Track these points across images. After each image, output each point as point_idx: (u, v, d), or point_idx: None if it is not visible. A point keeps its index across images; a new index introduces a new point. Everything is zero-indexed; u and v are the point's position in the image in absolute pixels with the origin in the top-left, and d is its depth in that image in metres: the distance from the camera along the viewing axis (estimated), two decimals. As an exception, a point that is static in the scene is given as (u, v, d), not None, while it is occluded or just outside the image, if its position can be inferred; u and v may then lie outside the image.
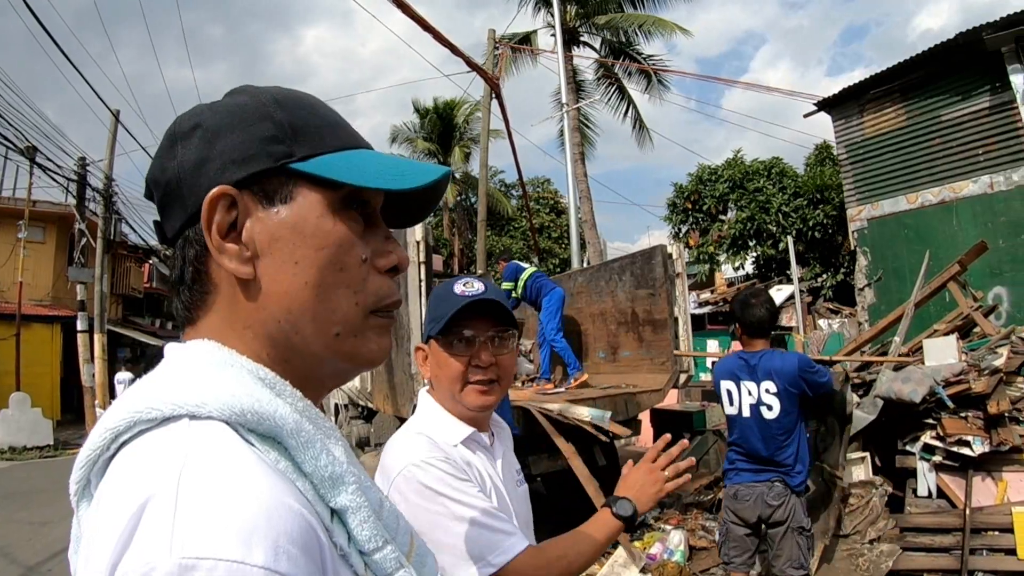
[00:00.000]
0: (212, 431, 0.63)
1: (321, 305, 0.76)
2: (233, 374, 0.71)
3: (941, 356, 5.86)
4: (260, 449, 0.65)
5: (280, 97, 0.80)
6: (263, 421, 0.65)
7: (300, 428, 0.68)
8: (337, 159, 0.78)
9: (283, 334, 0.76)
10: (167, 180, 0.77)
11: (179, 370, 0.71)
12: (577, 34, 23.29)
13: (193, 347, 0.75)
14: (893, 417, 5.66)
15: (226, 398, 0.65)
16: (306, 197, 0.76)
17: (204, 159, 0.75)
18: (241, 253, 0.74)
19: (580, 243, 17.53)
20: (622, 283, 7.81)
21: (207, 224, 0.73)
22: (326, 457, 0.69)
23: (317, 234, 0.76)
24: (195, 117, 0.79)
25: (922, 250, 10.09)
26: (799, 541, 4.07)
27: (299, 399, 0.74)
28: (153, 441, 0.62)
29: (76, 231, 18.46)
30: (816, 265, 19.16)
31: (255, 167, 0.75)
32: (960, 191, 13.29)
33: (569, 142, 17.77)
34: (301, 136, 0.77)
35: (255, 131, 0.76)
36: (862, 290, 15.25)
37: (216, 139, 0.76)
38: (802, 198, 19.32)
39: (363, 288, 0.79)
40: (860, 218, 15.16)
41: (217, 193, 0.73)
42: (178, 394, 0.65)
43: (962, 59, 12.87)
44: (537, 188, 37.20)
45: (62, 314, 20.90)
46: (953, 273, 7.15)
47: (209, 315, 0.78)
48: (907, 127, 14.18)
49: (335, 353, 0.78)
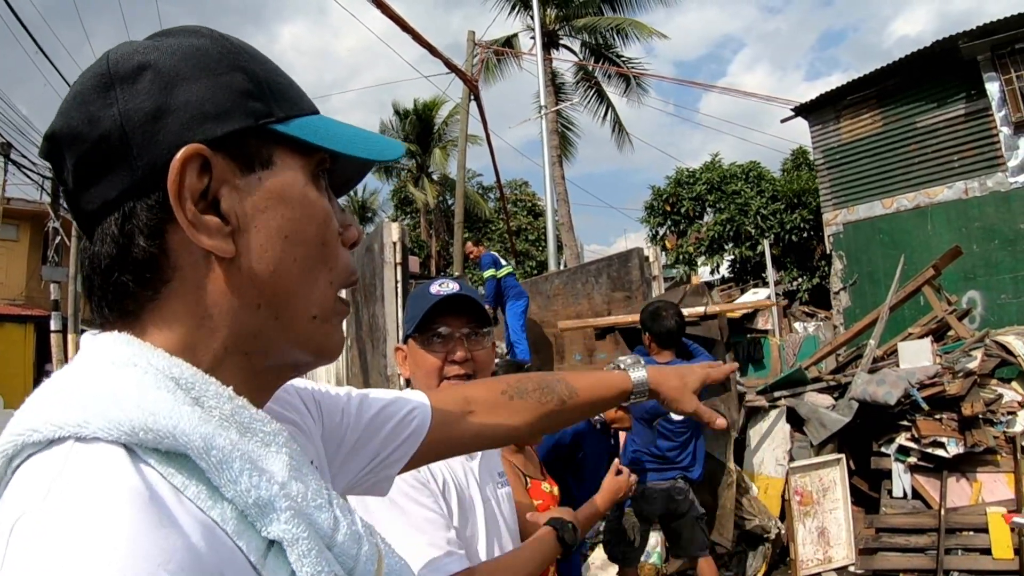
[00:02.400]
0: (95, 458, 0.51)
1: (305, 285, 0.67)
2: (135, 376, 0.58)
3: (916, 359, 5.91)
4: (164, 472, 0.53)
5: (247, 47, 0.69)
6: (161, 440, 0.53)
7: (210, 445, 0.55)
8: (312, 122, 0.69)
9: (257, 321, 0.65)
10: (100, 134, 0.61)
11: (75, 374, 0.60)
12: (556, 37, 23.31)
13: (101, 340, 0.63)
14: (868, 419, 5.70)
15: (113, 414, 0.53)
16: (287, 163, 0.67)
17: (161, 110, 0.61)
18: (222, 227, 0.62)
19: (557, 245, 17.54)
20: (599, 286, 7.80)
21: (176, 192, 0.60)
22: (248, 478, 0.56)
23: (304, 204, 0.67)
24: (138, 56, 0.63)
25: (897, 254, 10.20)
26: (701, 527, 4.61)
27: (227, 400, 0.61)
28: (31, 468, 0.52)
29: (50, 229, 18.25)
30: (793, 269, 19.28)
31: (233, 124, 0.63)
32: (935, 196, 13.45)
33: (547, 144, 17.77)
34: (276, 94, 0.67)
35: (227, 82, 0.64)
36: (837, 294, 15.37)
37: (176, 86, 0.62)
38: (779, 202, 19.43)
39: (336, 265, 0.71)
40: (836, 222, 15.28)
41: (190, 152, 0.60)
42: (62, 411, 0.53)
43: (938, 67, 13.05)
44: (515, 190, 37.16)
45: (36, 314, 20.64)
46: (928, 277, 7.22)
47: (155, 305, 0.63)
48: (883, 133, 14.34)
49: (307, 341, 0.69)
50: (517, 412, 1.20)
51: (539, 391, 1.23)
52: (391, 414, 1.05)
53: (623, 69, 23.39)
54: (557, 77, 23.67)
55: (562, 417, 1.27)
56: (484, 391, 1.21)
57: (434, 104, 32.37)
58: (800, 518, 5.29)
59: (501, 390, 1.21)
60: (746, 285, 19.66)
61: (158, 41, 0.65)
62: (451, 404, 1.15)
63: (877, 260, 14.23)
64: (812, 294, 18.60)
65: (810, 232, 18.56)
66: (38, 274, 20.32)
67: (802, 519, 5.30)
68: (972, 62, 12.54)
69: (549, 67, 21.05)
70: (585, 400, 1.28)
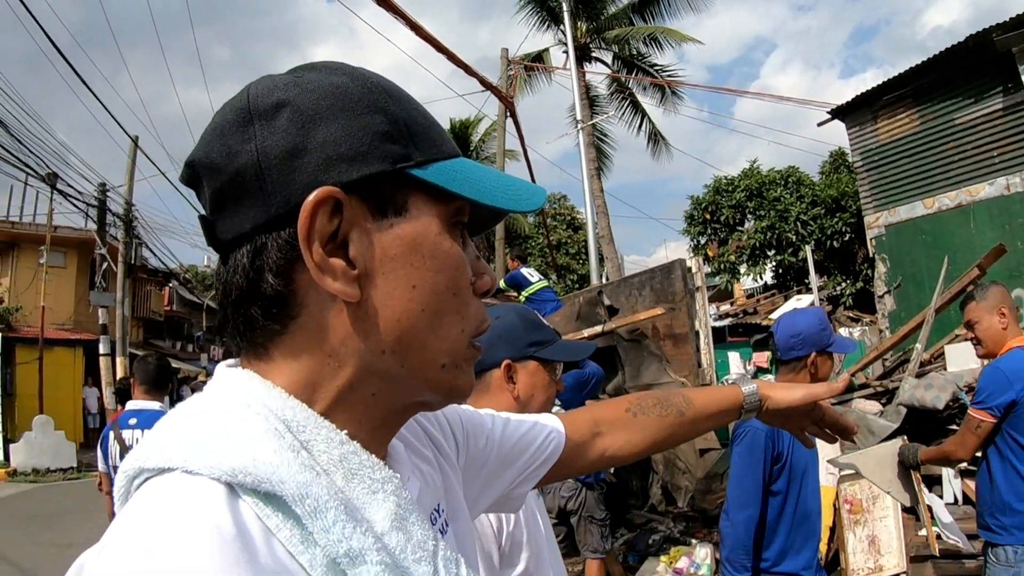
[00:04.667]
0: (195, 492, 0.52)
1: (434, 334, 0.67)
2: (247, 417, 0.60)
3: (963, 361, 5.84)
4: (261, 512, 0.54)
5: (389, 87, 0.68)
6: (259, 483, 0.54)
7: (305, 493, 0.55)
8: (451, 167, 0.68)
9: (384, 365, 0.65)
10: (236, 168, 0.62)
11: (193, 409, 0.62)
12: (588, 50, 23.30)
13: (227, 376, 0.65)
14: (917, 424, 5.63)
15: (214, 455, 0.54)
16: (421, 210, 0.66)
17: (298, 148, 0.62)
18: (348, 271, 0.62)
19: (598, 258, 17.51)
20: (642, 298, 7.80)
21: (306, 233, 0.60)
22: (341, 529, 0.56)
23: (437, 254, 0.66)
24: (278, 92, 0.64)
25: (940, 255, 10.03)
26: (591, 528, 4.76)
27: (338, 445, 0.62)
28: (145, 493, 0.55)
29: (97, 256, 18.63)
30: (836, 273, 19.06)
31: (369, 168, 0.63)
32: (976, 194, 13.20)
33: (585, 158, 17.72)
34: (416, 136, 0.66)
35: (365, 123, 0.64)
36: (882, 297, 15.14)
37: (313, 125, 0.62)
38: (820, 207, 19.23)
39: (468, 314, 0.70)
40: (877, 225, 15.08)
41: (323, 195, 0.60)
42: (172, 446, 0.56)
43: (973, 61, 12.80)
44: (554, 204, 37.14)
45: (84, 338, 21.07)
46: (973, 277, 7.11)
47: (281, 340, 0.64)
48: (921, 132, 14.11)
49: (436, 386, 0.69)
50: (641, 428, 1.26)
51: (659, 406, 1.28)
52: (531, 439, 1.11)
53: (658, 79, 23.28)
54: (591, 90, 23.63)
55: (681, 429, 1.30)
56: (611, 411, 1.27)
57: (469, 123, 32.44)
58: (850, 526, 5.22)
59: (625, 408, 1.27)
60: (789, 292, 19.49)
61: (298, 76, 0.66)
62: (583, 426, 1.21)
63: (921, 262, 14.00)
64: (856, 298, 18.38)
65: (852, 236, 18.35)
66: (86, 299, 20.77)
67: (852, 527, 5.23)
68: (1007, 55, 12.26)
69: (583, 81, 21.05)
70: (701, 411, 1.31)
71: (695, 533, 6.63)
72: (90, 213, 18.43)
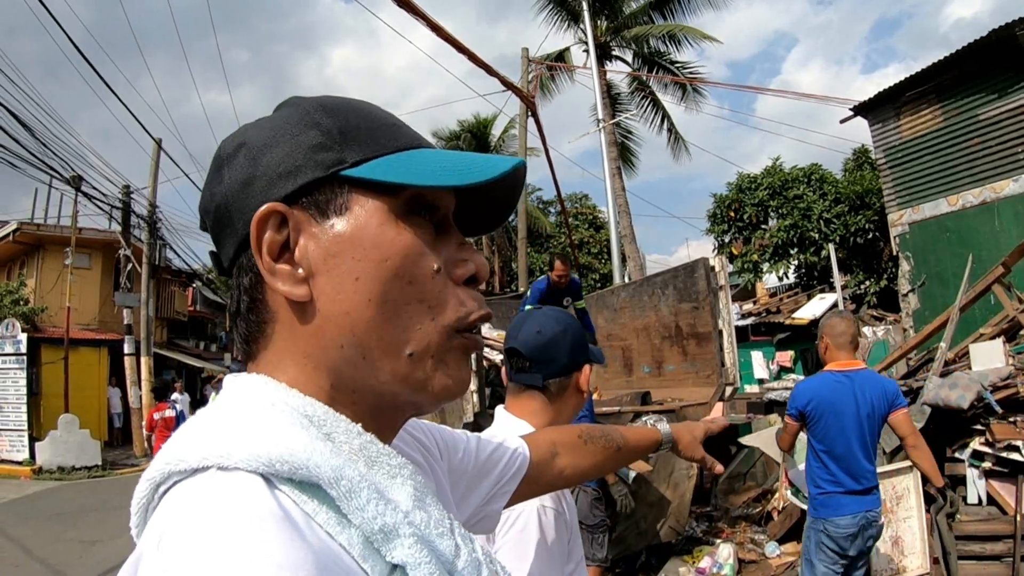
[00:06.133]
0: (236, 483, 0.55)
1: (390, 324, 0.68)
2: (273, 414, 0.63)
3: (988, 360, 5.78)
4: (298, 499, 0.57)
5: (327, 103, 0.74)
6: (296, 470, 0.57)
7: (340, 476, 0.58)
8: (394, 160, 0.70)
9: (348, 361, 0.68)
10: (216, 206, 0.72)
11: (220, 412, 0.65)
12: (609, 49, 23.25)
13: (242, 382, 0.69)
14: (941, 424, 5.58)
15: (253, 447, 0.57)
16: (363, 205, 0.69)
17: (250, 178, 0.69)
18: (294, 273, 0.67)
19: (621, 258, 17.47)
20: (665, 297, 7.80)
21: (256, 246, 0.67)
22: (375, 507, 0.59)
23: (378, 244, 0.68)
24: (239, 137, 0.73)
25: (965, 253, 9.96)
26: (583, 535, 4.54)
27: (356, 435, 0.65)
28: (180, 493, 0.56)
29: (121, 257, 18.84)
30: (860, 272, 18.89)
31: (303, 178, 0.68)
32: (1001, 191, 13.06)
33: (607, 157, 17.68)
34: (352, 140, 0.70)
35: (300, 141, 0.69)
36: (906, 296, 15.01)
37: (261, 156, 0.70)
38: (843, 204, 19.06)
39: (440, 302, 0.71)
40: (901, 222, 14.95)
41: (264, 212, 0.66)
42: (207, 444, 0.58)
43: (997, 56, 12.66)
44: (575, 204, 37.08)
45: (109, 338, 21.26)
46: (997, 275, 7.05)
47: (268, 347, 0.71)
48: (944, 128, 13.98)
49: (405, 379, 0.70)
50: (589, 454, 1.41)
51: (603, 437, 1.45)
52: (501, 455, 1.19)
53: (679, 77, 23.19)
54: (612, 88, 23.58)
55: (617, 459, 1.50)
56: (566, 436, 1.41)
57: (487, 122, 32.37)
58: (873, 526, 5.20)
59: (577, 434, 1.42)
60: (812, 291, 19.34)
61: (258, 120, 0.75)
62: (544, 446, 1.33)
63: (945, 260, 13.87)
64: (880, 297, 18.21)
65: (876, 234, 18.18)
66: (111, 300, 20.97)
67: (875, 527, 5.20)
68: (1031, 49, 12.16)
69: (603, 79, 21.00)
70: (632, 446, 1.52)
71: (718, 533, 6.61)
72: (114, 215, 18.64)
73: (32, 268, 22.25)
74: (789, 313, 18.09)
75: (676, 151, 24.89)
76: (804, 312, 17.51)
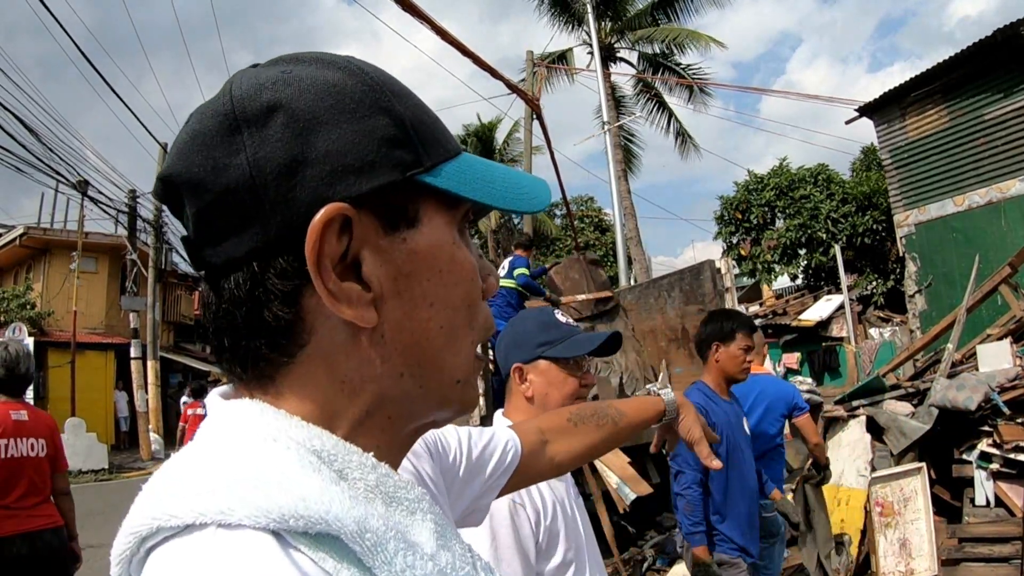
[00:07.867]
0: (244, 544, 0.45)
1: (449, 351, 0.61)
2: (277, 452, 0.52)
3: (995, 361, 5.77)
4: (316, 557, 0.47)
5: (389, 81, 0.60)
6: (313, 525, 0.47)
7: (364, 529, 0.49)
8: (458, 169, 0.61)
9: (402, 388, 0.60)
10: (226, 186, 0.54)
11: (210, 449, 0.54)
12: (614, 50, 23.20)
13: (234, 410, 0.57)
14: (949, 426, 5.57)
15: (259, 498, 0.47)
16: (433, 219, 0.60)
17: (298, 160, 0.53)
18: (363, 295, 0.56)
19: (627, 260, 17.45)
20: (671, 300, 7.79)
21: (315, 257, 0.53)
22: (403, 559, 0.51)
23: (453, 267, 0.60)
24: (266, 92, 0.55)
25: (971, 253, 9.93)
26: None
27: (371, 470, 0.55)
28: (175, 555, 0.47)
29: (128, 261, 18.90)
30: (867, 272, 18.83)
31: (379, 179, 0.55)
32: (1007, 191, 13.03)
33: (612, 159, 17.64)
34: (423, 138, 0.59)
35: (370, 127, 0.56)
36: (912, 297, 14.97)
37: (313, 132, 0.54)
38: (850, 204, 19.02)
39: (478, 324, 0.64)
40: (907, 223, 14.91)
41: (332, 213, 0.53)
42: (202, 494, 0.48)
43: (1002, 56, 12.66)
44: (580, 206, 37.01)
45: (115, 342, 21.30)
46: (1004, 276, 7.03)
47: (294, 370, 0.57)
48: (950, 128, 13.96)
49: (450, 403, 0.64)
50: (582, 436, 1.34)
51: (596, 416, 1.38)
52: (493, 449, 1.15)
53: (685, 79, 23.15)
54: (617, 90, 23.52)
55: (616, 436, 1.41)
56: (555, 421, 1.35)
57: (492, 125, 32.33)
58: (881, 529, 5.19)
59: (566, 418, 1.36)
60: (819, 292, 19.30)
61: (287, 72, 0.57)
62: (533, 436, 1.27)
63: (952, 260, 13.84)
64: (887, 298, 18.15)
65: (883, 234, 18.13)
66: (117, 304, 21.01)
67: (883, 530, 5.19)
68: (1036, 48, 12.13)
69: (608, 82, 20.96)
70: (631, 420, 1.43)
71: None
72: (120, 219, 18.71)
73: (39, 272, 22.34)
74: (795, 315, 18.06)
75: (684, 151, 24.84)
76: (810, 314, 17.49)
